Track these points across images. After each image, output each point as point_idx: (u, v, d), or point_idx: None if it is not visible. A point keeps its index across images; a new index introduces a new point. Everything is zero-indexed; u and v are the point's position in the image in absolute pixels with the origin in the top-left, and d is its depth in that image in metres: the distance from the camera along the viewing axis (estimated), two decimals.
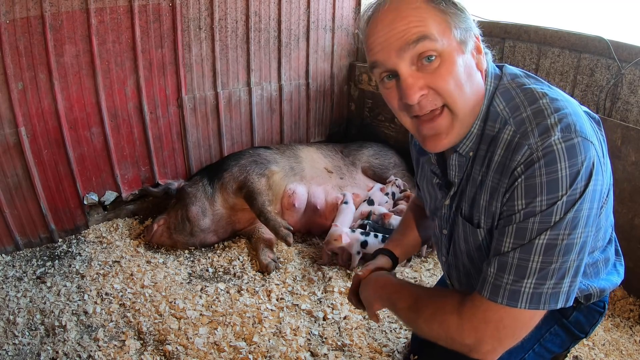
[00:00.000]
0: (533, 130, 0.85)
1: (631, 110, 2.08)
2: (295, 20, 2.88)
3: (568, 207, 0.82)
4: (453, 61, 0.89)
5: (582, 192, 0.82)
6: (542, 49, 2.36)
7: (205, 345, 1.78)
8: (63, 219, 2.44)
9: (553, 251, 0.83)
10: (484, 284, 0.90)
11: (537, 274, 0.84)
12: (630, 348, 1.84)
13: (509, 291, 0.86)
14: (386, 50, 0.90)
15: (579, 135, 0.83)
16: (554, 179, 0.82)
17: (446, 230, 1.13)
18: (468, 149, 0.99)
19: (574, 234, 0.83)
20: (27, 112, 2.15)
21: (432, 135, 0.95)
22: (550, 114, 0.86)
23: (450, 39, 0.89)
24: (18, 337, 1.81)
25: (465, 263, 1.10)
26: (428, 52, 0.87)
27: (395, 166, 2.97)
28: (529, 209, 0.85)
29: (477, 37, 0.94)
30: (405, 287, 1.10)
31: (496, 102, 0.95)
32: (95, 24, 2.19)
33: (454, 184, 1.05)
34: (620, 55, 2.05)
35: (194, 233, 2.42)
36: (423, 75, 0.89)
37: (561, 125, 0.83)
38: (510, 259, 0.86)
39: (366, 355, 1.76)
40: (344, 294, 2.10)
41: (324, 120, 3.32)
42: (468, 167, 1.01)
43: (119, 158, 2.52)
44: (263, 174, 2.52)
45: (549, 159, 0.82)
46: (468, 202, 1.02)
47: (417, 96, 0.89)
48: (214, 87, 2.69)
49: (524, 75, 0.99)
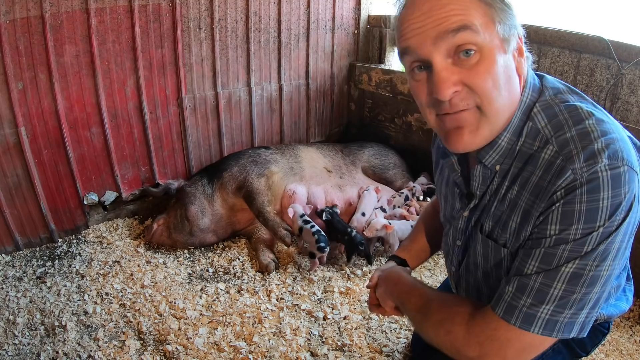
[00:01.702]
0: (579, 154, 0.79)
1: (631, 110, 2.08)
2: (295, 20, 2.88)
3: (602, 239, 0.78)
4: (493, 59, 0.81)
5: (619, 225, 0.78)
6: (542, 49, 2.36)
7: (205, 345, 1.78)
8: (63, 219, 2.44)
9: (578, 281, 0.80)
10: (499, 301, 0.86)
11: (557, 301, 0.80)
12: (630, 348, 1.84)
13: (524, 314, 0.82)
14: (421, 37, 0.82)
15: (626, 164, 0.77)
16: (594, 207, 0.77)
17: (460, 242, 1.09)
18: (494, 161, 0.93)
19: (602, 266, 0.79)
20: (27, 112, 2.16)
21: (454, 128, 0.87)
22: (597, 138, 0.79)
23: (493, 34, 0.81)
24: (18, 337, 1.81)
25: (478, 278, 1.06)
26: (467, 45, 0.80)
27: (395, 166, 2.97)
28: (562, 235, 0.80)
29: (520, 38, 0.87)
30: (416, 288, 1.07)
31: (537, 119, 0.88)
32: (95, 24, 2.19)
33: (475, 197, 1.00)
34: (620, 55, 2.05)
35: (193, 233, 2.42)
36: (459, 70, 0.82)
37: (609, 151, 0.77)
38: (531, 282, 0.82)
39: (366, 355, 1.76)
40: (344, 294, 2.10)
41: (324, 120, 3.32)
42: (495, 182, 0.95)
43: (119, 158, 2.52)
44: (262, 174, 2.52)
45: (592, 187, 0.77)
46: (492, 219, 0.96)
47: (449, 92, 0.82)
48: (214, 87, 2.69)
49: (567, 90, 0.92)
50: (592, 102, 0.90)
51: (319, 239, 2.21)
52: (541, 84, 0.93)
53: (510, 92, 0.86)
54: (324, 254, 2.23)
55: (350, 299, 2.06)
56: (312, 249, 2.23)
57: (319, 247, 2.20)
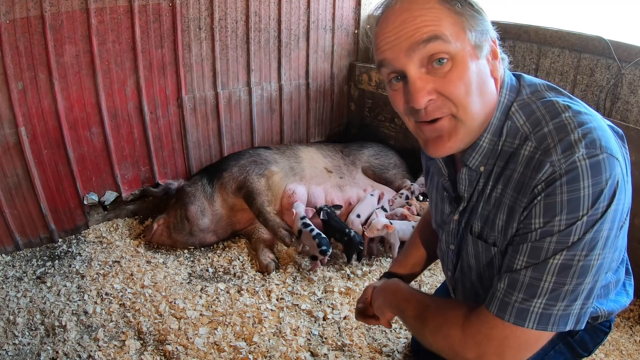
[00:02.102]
0: (556, 147, 0.80)
1: (631, 110, 2.08)
2: (295, 20, 2.88)
3: (588, 228, 0.78)
4: (466, 66, 0.84)
5: (604, 212, 0.78)
6: (542, 49, 2.36)
7: (205, 345, 1.78)
8: (63, 219, 2.44)
9: (567, 272, 0.80)
10: (492, 299, 0.87)
11: (549, 294, 0.81)
12: (630, 348, 1.84)
13: (517, 309, 0.83)
14: (395, 49, 0.85)
15: (605, 151, 0.78)
16: (575, 197, 0.78)
17: (453, 246, 1.10)
18: (478, 162, 0.94)
19: (591, 255, 0.79)
20: (27, 112, 2.15)
21: (434, 137, 0.90)
22: (573, 129, 0.81)
23: (464, 41, 0.84)
24: (18, 337, 1.81)
25: (473, 280, 1.06)
26: (439, 54, 0.83)
27: (395, 166, 2.97)
28: (546, 228, 0.81)
29: (493, 41, 0.90)
30: (414, 296, 1.07)
31: (516, 117, 0.90)
32: (95, 24, 2.19)
33: (464, 199, 1.01)
34: (620, 55, 2.05)
35: (193, 233, 2.42)
36: (433, 79, 0.85)
37: (586, 140, 0.78)
38: (521, 277, 0.83)
39: (366, 355, 1.76)
40: (344, 294, 2.10)
41: (324, 120, 3.32)
42: (480, 183, 0.97)
43: (119, 158, 2.52)
44: (262, 174, 2.52)
45: (571, 177, 0.78)
46: (480, 219, 0.98)
47: (424, 100, 0.85)
48: (214, 87, 2.69)
49: (544, 87, 0.93)
50: (569, 95, 0.91)
51: (321, 242, 2.19)
52: (519, 83, 0.94)
53: (484, 96, 0.88)
54: (325, 257, 2.23)
55: (350, 299, 2.06)
56: (313, 252, 2.22)
57: (321, 251, 2.18)
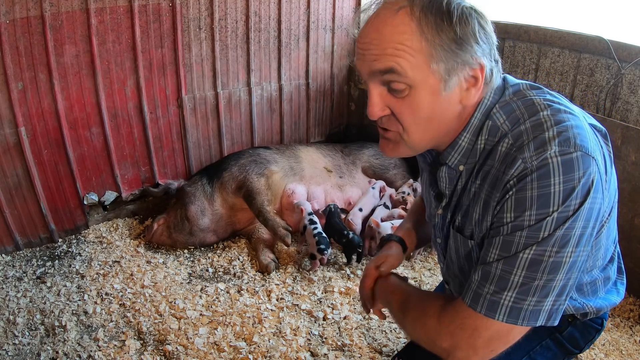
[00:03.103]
0: (529, 144, 0.82)
1: (631, 110, 2.08)
2: (295, 20, 2.88)
3: (558, 224, 0.79)
4: (419, 99, 0.85)
5: (576, 209, 0.78)
6: (542, 49, 2.36)
7: (205, 345, 1.78)
8: (63, 219, 2.44)
9: (537, 267, 0.80)
10: (467, 290, 0.88)
11: (519, 288, 0.82)
12: (630, 348, 1.84)
13: (488, 301, 0.84)
14: (361, 64, 0.89)
15: (579, 149, 0.79)
16: (545, 193, 0.79)
17: (440, 239, 1.12)
18: (457, 161, 0.96)
19: (562, 252, 0.80)
20: (27, 112, 2.16)
21: (384, 141, 0.97)
22: (549, 127, 0.82)
23: (426, 74, 0.83)
24: (18, 337, 1.81)
25: (456, 273, 1.09)
26: (394, 85, 0.85)
27: (395, 167, 2.97)
28: (516, 222, 0.82)
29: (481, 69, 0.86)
30: (399, 287, 1.09)
31: (496, 117, 0.91)
32: (95, 24, 2.19)
33: (445, 196, 1.03)
34: (620, 55, 2.05)
35: (193, 232, 2.42)
36: (390, 98, 0.88)
37: (560, 138, 0.80)
38: (493, 269, 0.84)
39: (366, 355, 1.76)
40: (344, 294, 2.10)
41: (324, 120, 3.32)
42: (461, 181, 0.98)
43: (119, 158, 2.52)
44: (262, 174, 2.52)
45: (542, 173, 0.79)
46: (461, 213, 1.00)
47: (377, 115, 0.90)
48: (214, 87, 2.69)
49: (527, 86, 0.94)
50: (552, 94, 0.91)
51: (320, 241, 2.21)
52: (503, 85, 0.95)
53: (435, 125, 0.91)
54: (324, 257, 2.23)
55: (350, 299, 2.06)
56: (312, 250, 2.24)
57: (319, 249, 2.20)
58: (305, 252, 2.41)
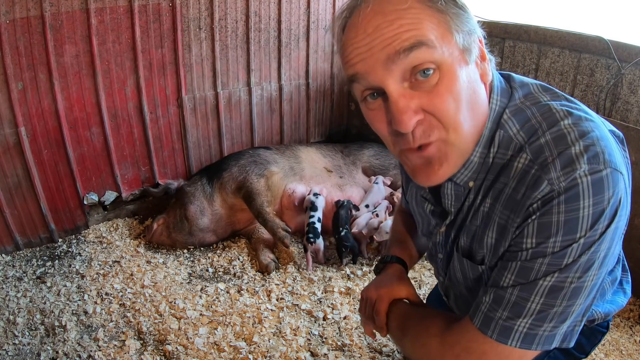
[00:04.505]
0: (554, 162, 0.71)
1: (631, 110, 2.08)
2: (295, 20, 2.88)
3: (584, 250, 0.71)
4: (455, 75, 0.72)
5: (603, 232, 0.70)
6: (542, 49, 2.36)
7: (205, 345, 1.78)
8: (63, 219, 2.44)
9: (558, 294, 0.73)
10: (476, 311, 0.81)
11: (535, 315, 0.74)
12: (630, 348, 1.84)
13: (501, 326, 0.77)
14: (370, 61, 0.72)
15: (609, 165, 0.69)
16: (573, 218, 0.70)
17: (442, 255, 1.03)
18: (467, 178, 0.84)
19: (584, 277, 0.72)
20: (27, 112, 2.15)
21: (422, 164, 0.78)
22: (574, 140, 0.71)
23: (451, 46, 0.71)
24: (18, 337, 1.81)
25: (462, 292, 1.01)
26: (424, 65, 0.70)
27: (395, 167, 2.97)
28: (538, 248, 0.73)
29: (480, 41, 0.78)
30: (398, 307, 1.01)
31: (508, 125, 0.79)
32: (95, 24, 2.19)
33: (450, 213, 0.92)
34: (620, 55, 2.05)
35: (193, 232, 2.42)
36: (418, 94, 0.72)
37: (588, 154, 0.69)
38: (508, 295, 0.76)
39: (366, 355, 1.76)
40: (344, 294, 2.10)
41: (324, 120, 3.32)
42: (470, 198, 0.87)
43: (119, 158, 2.52)
44: (262, 175, 2.52)
45: (570, 195, 0.69)
46: (467, 235, 0.90)
47: (412, 122, 0.72)
48: (214, 87, 2.69)
49: (538, 88, 0.83)
50: (567, 97, 0.82)
51: (309, 230, 2.28)
52: (509, 85, 0.84)
53: (476, 109, 0.77)
54: (311, 245, 2.25)
55: (350, 299, 2.06)
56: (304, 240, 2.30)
57: (307, 238, 2.27)
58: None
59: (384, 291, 1.04)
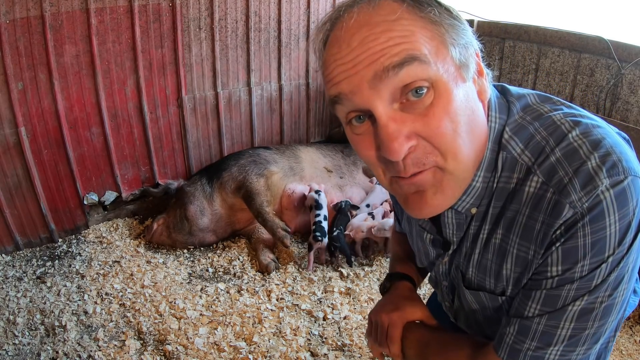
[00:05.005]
0: (572, 181, 0.64)
1: (631, 110, 2.08)
2: (295, 20, 2.88)
3: (613, 267, 0.65)
4: (451, 95, 0.63)
5: (631, 244, 0.65)
6: (542, 49, 2.36)
7: (205, 345, 1.78)
8: (63, 219, 2.44)
9: (589, 316, 0.68)
10: (501, 342, 0.75)
11: (567, 340, 0.69)
12: (630, 348, 1.84)
13: (530, 357, 0.71)
14: (354, 80, 0.63)
15: (629, 173, 0.63)
16: (601, 238, 0.64)
17: (446, 283, 0.96)
18: (469, 205, 0.76)
19: (615, 294, 0.67)
20: (27, 112, 2.16)
21: (414, 193, 0.69)
22: (588, 153, 0.64)
23: (446, 61, 0.63)
24: (18, 337, 1.81)
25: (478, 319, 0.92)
26: (417, 83, 0.61)
27: None
28: (565, 275, 0.67)
29: (477, 55, 0.69)
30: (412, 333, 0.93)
31: (511, 146, 0.71)
32: (95, 24, 2.19)
33: (453, 243, 0.84)
34: (620, 55, 2.05)
35: (193, 232, 2.42)
36: (410, 117, 0.63)
37: (606, 166, 0.63)
38: (534, 325, 0.71)
39: (366, 355, 1.76)
40: (344, 294, 2.10)
41: (324, 120, 3.32)
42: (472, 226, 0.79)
43: (119, 158, 2.52)
44: (262, 175, 2.52)
45: (595, 215, 0.63)
46: (478, 268, 0.82)
47: (403, 150, 0.63)
48: (214, 87, 2.69)
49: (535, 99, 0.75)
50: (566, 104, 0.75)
51: (316, 229, 2.27)
52: (505, 100, 0.76)
53: (475, 131, 0.68)
54: (317, 244, 2.24)
55: (350, 299, 2.06)
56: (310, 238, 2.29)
57: (314, 236, 2.25)
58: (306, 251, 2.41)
59: (397, 315, 0.95)
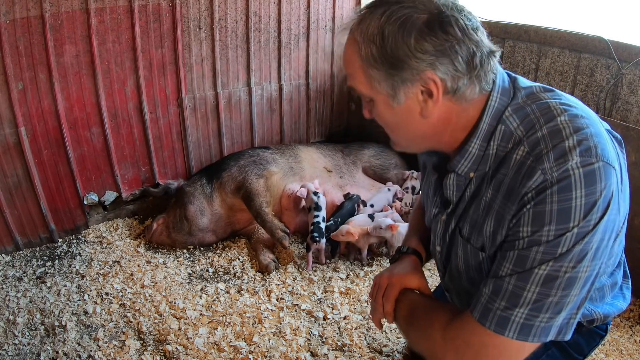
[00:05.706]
0: (548, 153, 0.77)
1: (631, 110, 2.08)
2: (295, 20, 2.88)
3: (577, 240, 0.75)
4: (380, 110, 0.92)
5: (596, 224, 0.75)
6: (542, 49, 2.35)
7: (205, 345, 1.78)
8: (63, 219, 2.44)
9: (553, 284, 0.77)
10: (476, 304, 0.84)
11: (531, 304, 0.78)
12: (630, 348, 1.84)
13: (498, 317, 0.80)
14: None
15: (601, 159, 0.75)
16: (566, 207, 0.74)
17: (439, 247, 1.08)
18: (467, 169, 0.92)
19: (578, 267, 0.76)
20: (27, 112, 2.15)
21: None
22: (569, 135, 0.77)
23: (374, 91, 0.89)
24: (18, 337, 1.81)
25: (464, 284, 1.04)
26: (358, 92, 0.93)
27: (396, 167, 2.97)
28: (534, 237, 0.78)
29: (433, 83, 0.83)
30: (406, 297, 1.05)
31: (509, 121, 0.86)
32: (95, 24, 2.19)
33: (452, 202, 0.99)
34: (620, 55, 2.05)
35: (192, 232, 2.42)
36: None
37: (581, 147, 0.75)
38: (505, 284, 0.80)
39: (366, 355, 1.76)
40: (344, 294, 2.10)
41: (324, 120, 3.32)
42: (471, 188, 0.94)
43: (119, 158, 2.52)
44: (261, 175, 2.52)
45: (563, 185, 0.74)
46: (469, 223, 0.95)
47: (366, 116, 0.98)
48: (214, 87, 2.69)
49: (540, 89, 0.89)
50: (567, 97, 0.87)
51: (314, 229, 2.26)
52: (513, 87, 0.90)
53: (408, 135, 0.95)
54: (315, 245, 2.24)
55: (350, 299, 2.06)
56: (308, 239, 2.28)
57: (311, 237, 2.25)
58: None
59: (396, 278, 1.09)
